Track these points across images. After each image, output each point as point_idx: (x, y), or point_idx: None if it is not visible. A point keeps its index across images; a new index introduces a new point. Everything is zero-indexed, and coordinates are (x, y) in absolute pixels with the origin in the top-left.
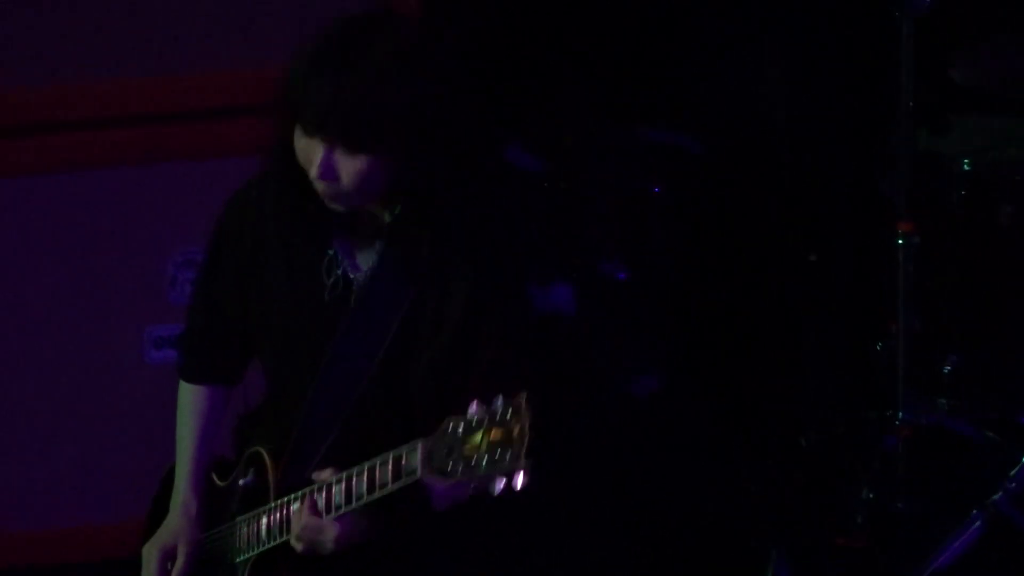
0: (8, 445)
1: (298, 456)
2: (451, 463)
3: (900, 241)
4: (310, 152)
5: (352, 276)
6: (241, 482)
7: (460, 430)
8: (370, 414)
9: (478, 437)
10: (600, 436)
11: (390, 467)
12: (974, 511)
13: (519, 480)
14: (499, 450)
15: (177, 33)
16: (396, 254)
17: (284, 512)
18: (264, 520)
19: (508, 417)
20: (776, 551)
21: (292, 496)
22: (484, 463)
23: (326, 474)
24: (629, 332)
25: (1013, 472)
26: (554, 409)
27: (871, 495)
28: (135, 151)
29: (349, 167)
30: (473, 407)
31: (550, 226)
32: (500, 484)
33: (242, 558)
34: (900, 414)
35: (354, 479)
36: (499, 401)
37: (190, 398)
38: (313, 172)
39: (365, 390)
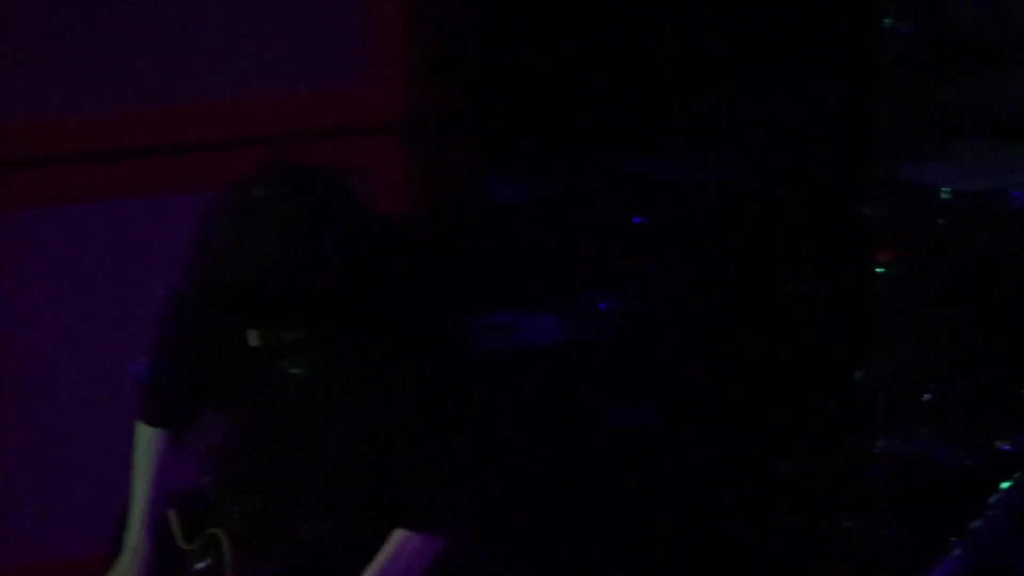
0: (4, 476)
1: (255, 549)
2: None
3: (880, 270)
4: None
5: (294, 371)
6: (198, 566)
7: None
8: (326, 506)
9: None
10: (580, 468)
11: None
12: (954, 540)
13: None
14: None
15: (171, 63)
16: (329, 347)
17: None
18: None
19: None
20: None
21: None
22: None
23: None
24: (612, 363)
25: (994, 500)
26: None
27: (851, 524)
28: (135, 184)
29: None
30: None
31: (532, 256)
32: None
33: None
34: (881, 442)
35: None
36: None
37: (147, 439)
38: (251, 341)
39: (320, 482)
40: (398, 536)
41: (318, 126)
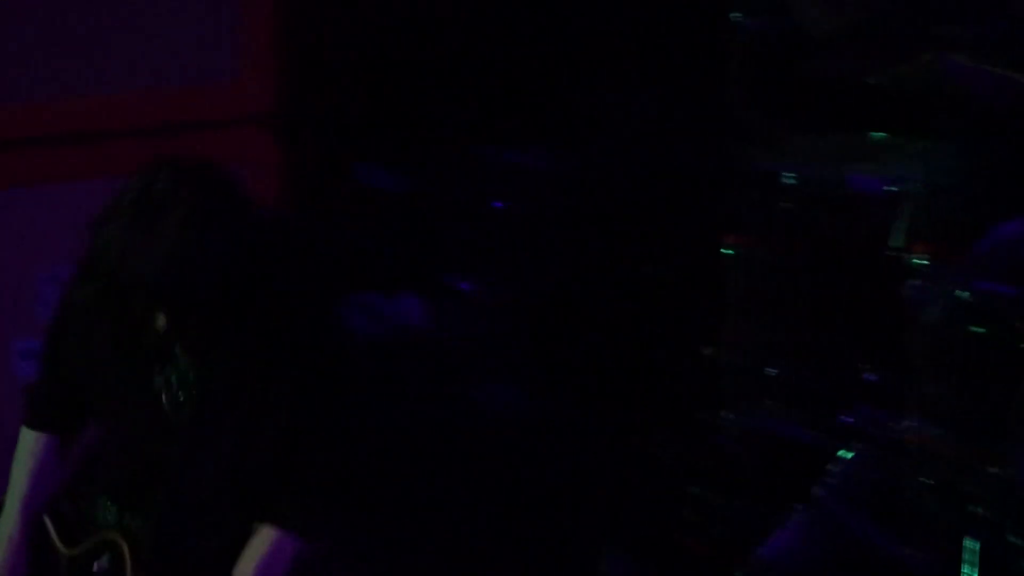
0: None
1: (157, 558)
2: None
3: (728, 251)
4: None
5: (171, 381)
6: (96, 565)
7: None
8: (221, 517)
9: None
10: (448, 449)
11: None
12: (798, 505)
13: None
14: None
15: (49, 57)
16: (205, 352)
17: None
18: None
19: None
20: (608, 549)
21: None
22: None
23: None
24: (477, 343)
25: (834, 469)
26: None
27: (701, 493)
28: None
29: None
30: None
31: (398, 240)
32: None
33: None
34: (729, 415)
35: None
36: None
37: (30, 442)
38: (158, 324)
39: (214, 495)
40: (265, 531)
41: (193, 119)
